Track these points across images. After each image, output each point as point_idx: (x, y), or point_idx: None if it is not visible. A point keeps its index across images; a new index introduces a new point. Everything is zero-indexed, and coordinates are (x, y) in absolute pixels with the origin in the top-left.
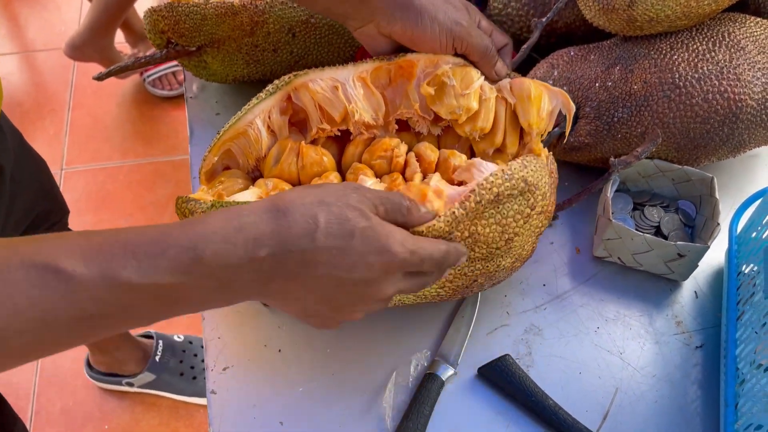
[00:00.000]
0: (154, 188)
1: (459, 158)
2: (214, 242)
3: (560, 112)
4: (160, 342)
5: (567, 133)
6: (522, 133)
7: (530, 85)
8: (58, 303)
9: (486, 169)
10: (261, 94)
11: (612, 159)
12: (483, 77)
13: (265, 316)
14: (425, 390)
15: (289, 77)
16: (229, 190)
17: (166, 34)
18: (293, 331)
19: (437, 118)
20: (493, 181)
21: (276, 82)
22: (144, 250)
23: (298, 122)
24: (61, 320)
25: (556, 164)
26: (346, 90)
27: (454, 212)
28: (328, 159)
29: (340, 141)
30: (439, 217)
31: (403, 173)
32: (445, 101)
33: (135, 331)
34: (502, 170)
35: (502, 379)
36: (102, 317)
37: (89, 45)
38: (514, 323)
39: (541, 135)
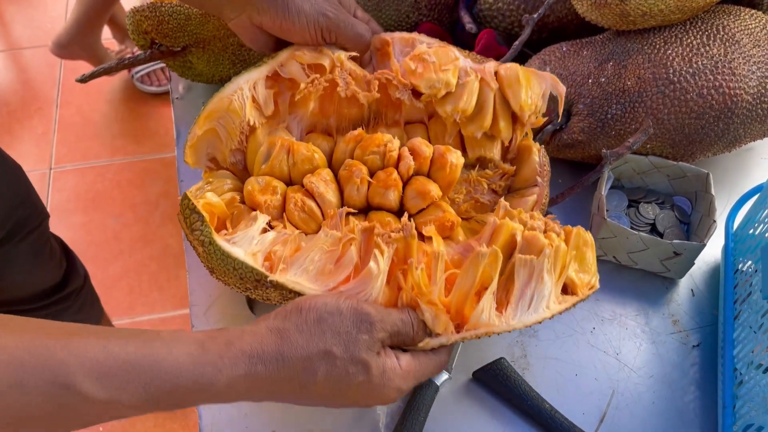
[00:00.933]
0: (144, 186)
1: (455, 155)
2: (218, 382)
3: (552, 109)
4: None
5: (560, 114)
6: (515, 120)
7: (517, 68)
8: (66, 414)
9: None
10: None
11: (604, 150)
12: (462, 57)
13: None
14: (419, 396)
15: (276, 54)
16: (219, 190)
17: (150, 35)
18: None
19: (416, 95)
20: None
21: (264, 59)
22: (156, 385)
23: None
24: (63, 424)
25: (548, 158)
26: (331, 54)
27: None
28: (319, 156)
29: (330, 139)
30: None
31: (396, 167)
32: (424, 75)
33: None
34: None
35: (497, 383)
36: (101, 422)
37: (75, 43)
38: None
39: (536, 116)
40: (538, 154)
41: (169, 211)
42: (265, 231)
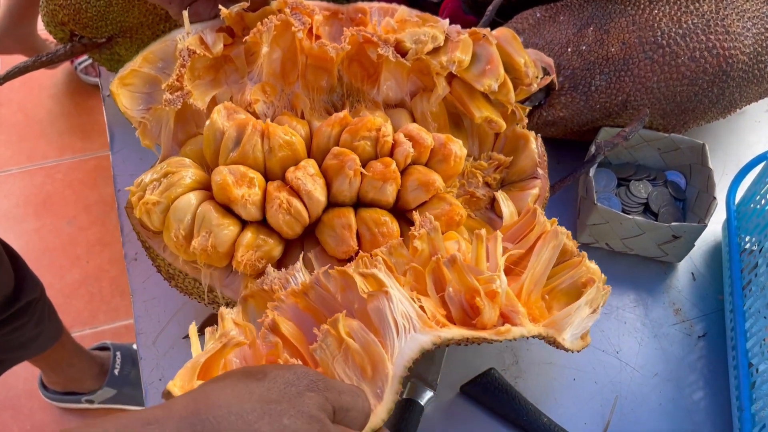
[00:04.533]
0: (97, 186)
1: (457, 144)
2: None
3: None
4: (118, 353)
5: (556, 82)
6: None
7: (508, 31)
8: None
9: None
10: None
11: (597, 140)
12: (448, 21)
13: None
14: (403, 420)
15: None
16: (181, 184)
17: (68, 26)
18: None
19: (401, 54)
20: None
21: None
22: None
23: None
24: None
25: (544, 146)
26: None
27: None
28: (297, 140)
29: (303, 122)
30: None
31: (390, 155)
32: (408, 30)
33: (89, 344)
34: None
35: (488, 397)
36: None
37: (9, 35)
38: None
39: (536, 77)
40: (536, 143)
41: None
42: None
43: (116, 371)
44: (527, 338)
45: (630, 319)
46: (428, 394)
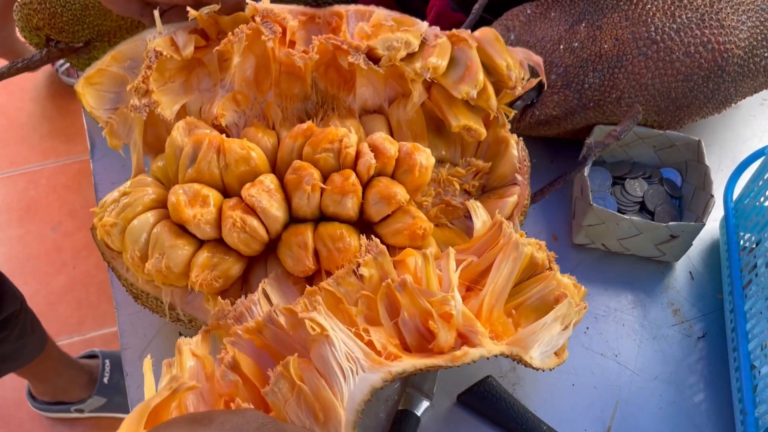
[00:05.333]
0: (81, 190)
1: (424, 154)
2: None
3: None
4: (107, 361)
5: (545, 82)
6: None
7: (492, 30)
8: None
9: None
10: None
11: (588, 140)
12: (427, 24)
13: None
14: (397, 430)
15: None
16: (139, 202)
17: (44, 31)
18: None
19: (374, 60)
20: None
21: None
22: None
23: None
24: None
25: (527, 151)
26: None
27: None
28: (257, 154)
29: (272, 133)
30: None
31: (354, 167)
32: (381, 36)
33: (78, 352)
34: None
35: (486, 406)
36: None
37: None
38: None
39: (521, 80)
40: (516, 148)
41: None
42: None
43: (105, 379)
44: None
45: (628, 321)
46: (424, 404)
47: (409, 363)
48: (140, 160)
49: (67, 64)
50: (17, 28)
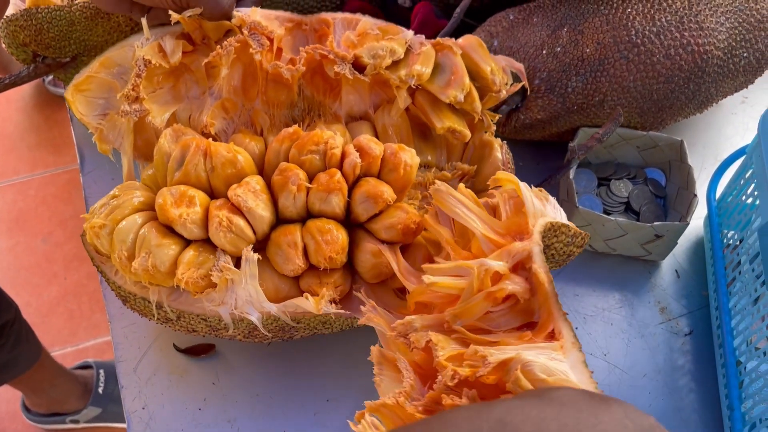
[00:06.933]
0: (71, 200)
1: (409, 153)
2: None
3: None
4: (101, 371)
5: (528, 87)
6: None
7: (474, 38)
8: None
9: None
10: None
11: (571, 144)
12: (412, 32)
13: (194, 373)
14: None
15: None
16: (127, 205)
17: (30, 47)
18: (231, 384)
19: (359, 70)
20: None
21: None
22: None
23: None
24: None
25: (511, 154)
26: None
27: None
28: (244, 158)
29: (260, 139)
30: None
31: (340, 168)
32: (366, 45)
33: (72, 362)
34: None
35: None
36: None
37: None
38: None
39: (505, 84)
40: (500, 151)
41: None
42: None
43: (100, 389)
44: None
45: (616, 320)
46: None
47: None
48: (130, 164)
49: None
50: (4, 45)
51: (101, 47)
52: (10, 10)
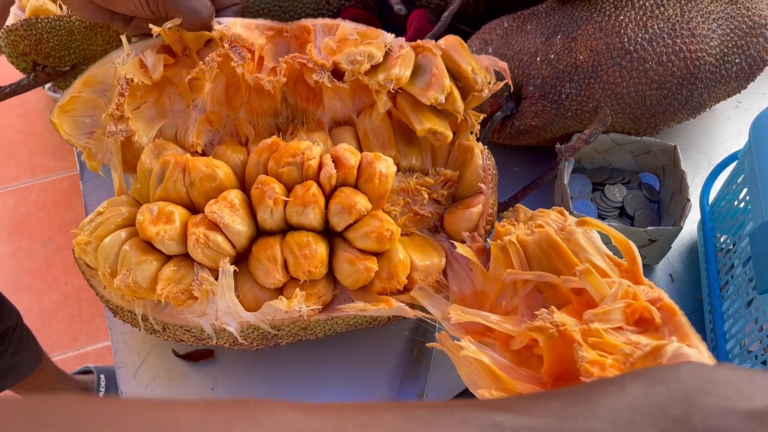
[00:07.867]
0: (71, 205)
1: (384, 163)
2: None
3: (499, 95)
4: (102, 376)
5: (511, 85)
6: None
7: (455, 38)
8: None
9: None
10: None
11: (558, 145)
12: (393, 35)
13: (193, 378)
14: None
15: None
16: (112, 221)
17: (30, 56)
18: (230, 389)
19: (339, 76)
20: None
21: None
22: None
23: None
24: None
25: (493, 159)
26: (233, 28)
27: None
28: (224, 172)
29: (243, 150)
30: None
31: (317, 179)
32: (345, 51)
33: (72, 367)
34: None
35: None
36: None
37: None
38: None
39: (487, 83)
40: (481, 156)
41: None
42: None
43: (101, 395)
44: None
45: None
46: None
47: None
48: (121, 179)
49: None
50: (4, 54)
51: (100, 56)
52: (10, 20)
